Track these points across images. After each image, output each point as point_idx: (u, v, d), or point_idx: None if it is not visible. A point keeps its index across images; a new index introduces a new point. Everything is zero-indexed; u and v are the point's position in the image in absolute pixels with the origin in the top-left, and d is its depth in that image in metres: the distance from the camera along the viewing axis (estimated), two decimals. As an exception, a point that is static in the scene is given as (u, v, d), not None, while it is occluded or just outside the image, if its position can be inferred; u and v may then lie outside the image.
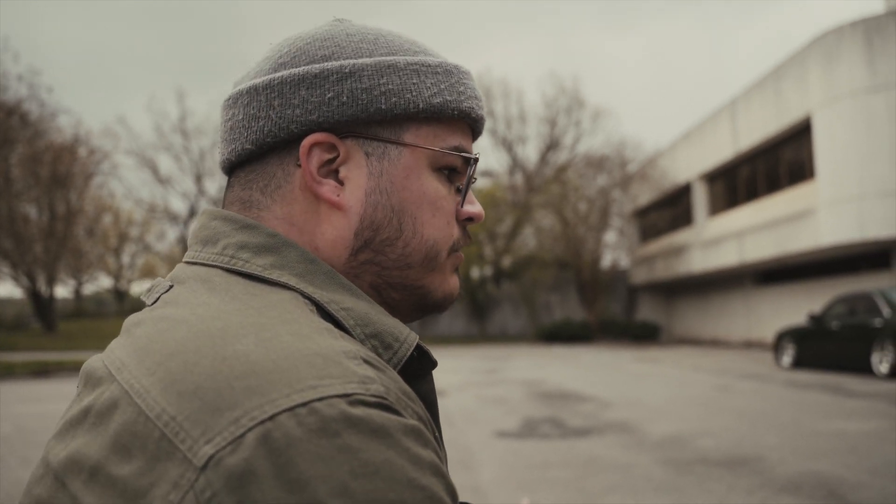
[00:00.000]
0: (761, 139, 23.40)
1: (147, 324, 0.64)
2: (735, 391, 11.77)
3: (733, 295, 28.80)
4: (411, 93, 0.72)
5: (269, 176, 0.73)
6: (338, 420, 0.50)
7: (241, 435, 0.49)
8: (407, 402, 0.57)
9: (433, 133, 0.75)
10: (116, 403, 0.57)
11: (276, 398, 0.51)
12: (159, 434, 0.52)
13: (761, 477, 5.77)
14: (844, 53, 19.20)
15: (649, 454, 6.75)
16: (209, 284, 0.67)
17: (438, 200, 0.76)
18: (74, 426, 0.60)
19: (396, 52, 0.74)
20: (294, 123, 0.71)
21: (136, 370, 0.58)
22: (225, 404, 0.51)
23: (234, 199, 0.76)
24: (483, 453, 7.01)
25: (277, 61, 0.74)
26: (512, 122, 38.75)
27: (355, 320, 0.66)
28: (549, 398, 11.29)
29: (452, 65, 0.77)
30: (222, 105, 0.78)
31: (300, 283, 0.67)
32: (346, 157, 0.72)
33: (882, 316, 13.76)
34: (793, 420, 8.54)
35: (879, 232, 18.28)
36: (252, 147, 0.73)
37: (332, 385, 0.52)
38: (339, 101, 0.71)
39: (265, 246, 0.70)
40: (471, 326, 37.78)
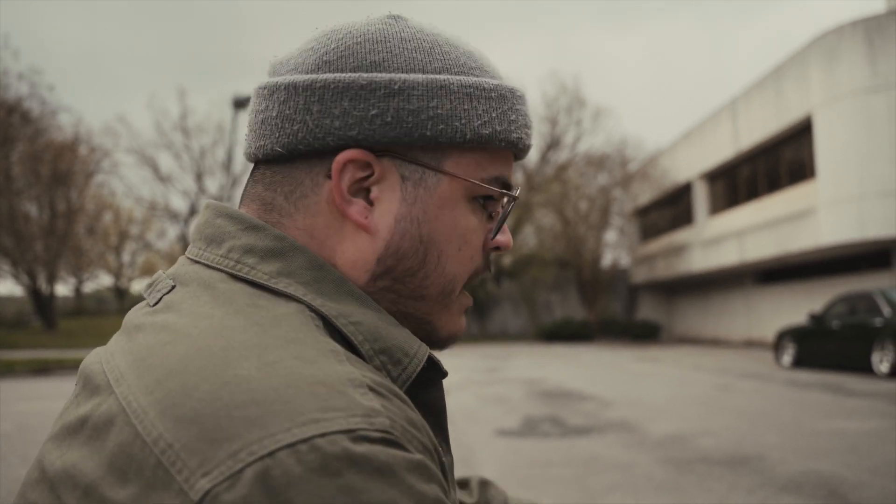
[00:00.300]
0: (762, 139, 23.40)
1: (148, 330, 0.62)
2: (735, 390, 11.77)
3: (734, 294, 28.81)
4: (460, 120, 0.68)
5: (295, 182, 0.70)
6: (340, 458, 0.48)
7: (239, 470, 0.48)
8: (413, 433, 0.55)
9: (475, 161, 0.71)
10: (113, 420, 0.55)
11: (276, 432, 0.49)
12: (155, 461, 0.51)
13: (762, 476, 5.77)
14: (845, 53, 19.20)
15: (650, 453, 6.75)
16: (213, 292, 0.64)
17: (468, 234, 0.72)
18: (71, 434, 0.59)
19: (451, 68, 0.70)
20: (331, 136, 0.67)
21: (135, 386, 0.56)
22: (223, 435, 0.49)
23: (255, 197, 0.72)
24: (483, 452, 7.01)
25: (322, 58, 0.69)
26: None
27: (364, 335, 0.63)
28: (549, 397, 11.29)
29: (507, 88, 0.72)
30: (256, 90, 0.73)
31: (308, 293, 0.64)
32: (381, 177, 0.68)
33: (882, 315, 13.76)
34: (793, 419, 8.54)
35: (880, 231, 18.28)
36: (282, 150, 0.69)
37: (335, 419, 0.50)
38: (382, 120, 0.66)
39: (272, 250, 0.67)
40: (471, 325, 37.78)
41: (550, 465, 6.34)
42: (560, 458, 6.65)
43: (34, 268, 31.92)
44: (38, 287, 33.04)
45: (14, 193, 29.30)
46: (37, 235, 31.18)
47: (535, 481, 5.82)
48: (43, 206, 32.10)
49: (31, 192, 30.94)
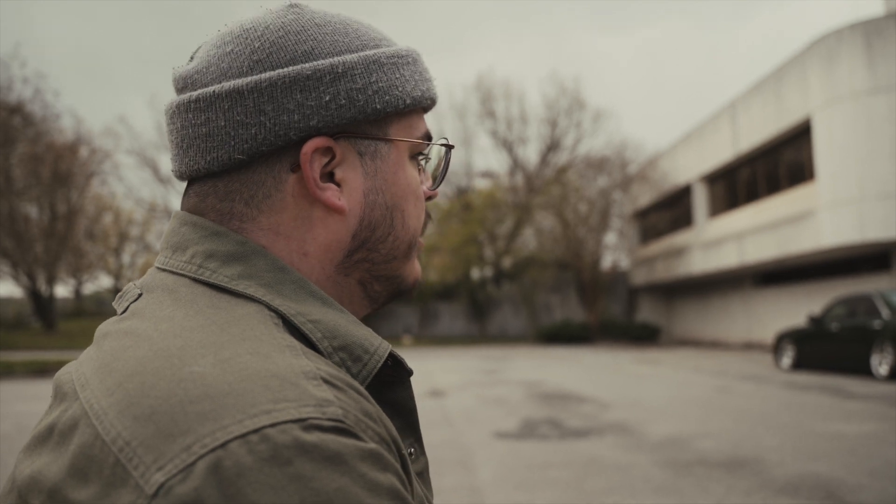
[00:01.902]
0: (761, 141, 23.41)
1: (113, 337, 0.63)
2: (734, 392, 11.78)
3: (733, 296, 28.81)
4: (398, 89, 0.72)
5: (255, 185, 0.69)
6: (290, 447, 0.49)
7: (192, 463, 0.48)
8: (367, 423, 0.55)
9: (409, 124, 0.75)
10: (76, 424, 0.56)
11: (227, 424, 0.50)
12: (114, 459, 0.51)
13: (760, 478, 5.78)
14: (844, 55, 19.21)
15: (648, 455, 6.75)
16: (175, 296, 0.65)
17: (418, 189, 0.77)
18: (41, 443, 0.60)
19: (368, 44, 0.73)
20: (292, 130, 0.68)
21: (98, 389, 0.57)
22: (178, 430, 0.50)
23: (208, 210, 0.71)
24: (482, 453, 7.01)
25: (251, 58, 0.69)
26: (513, 123, 38.75)
27: (322, 333, 0.64)
28: (548, 399, 11.29)
29: (414, 51, 0.77)
30: (181, 106, 0.71)
31: (267, 294, 0.65)
32: (342, 159, 0.71)
33: (881, 318, 13.76)
34: (792, 421, 8.55)
35: (879, 233, 18.29)
36: (243, 157, 0.68)
37: (287, 409, 0.51)
38: (336, 104, 0.68)
39: (233, 254, 0.68)
40: (471, 327, 37.79)
41: (549, 467, 6.34)
42: (559, 459, 6.65)
43: (34, 269, 31.93)
44: (37, 288, 33.04)
45: (14, 195, 29.31)
46: (37, 237, 31.19)
47: (534, 483, 5.83)
48: (43, 208, 32.11)
49: (32, 194, 30.94)
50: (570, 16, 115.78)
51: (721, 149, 26.26)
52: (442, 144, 0.80)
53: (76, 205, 33.19)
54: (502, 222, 36.35)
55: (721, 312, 29.89)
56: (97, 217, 40.39)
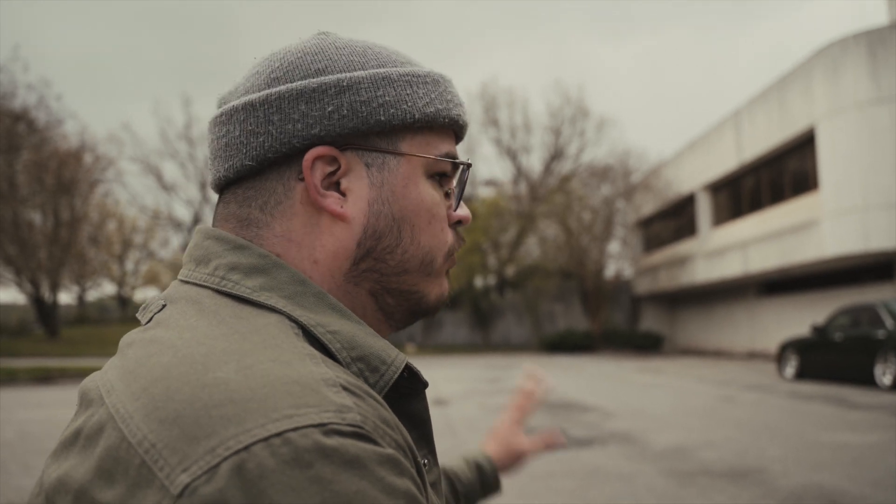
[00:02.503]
0: (765, 150, 23.42)
1: (137, 345, 0.65)
2: (738, 402, 11.75)
3: (737, 306, 28.77)
4: (406, 104, 0.74)
5: (268, 192, 0.74)
6: (311, 450, 0.51)
7: (216, 465, 0.50)
8: (385, 430, 0.57)
9: (426, 141, 0.77)
10: (103, 427, 0.58)
11: (251, 427, 0.51)
12: (140, 461, 0.53)
13: (764, 488, 5.76)
14: (849, 65, 19.23)
15: (652, 465, 6.74)
16: (199, 306, 0.68)
17: (434, 207, 0.78)
18: (67, 448, 0.61)
19: (386, 64, 0.76)
20: (296, 138, 0.71)
21: (123, 394, 0.59)
22: (202, 433, 0.52)
23: (229, 217, 0.76)
24: (485, 463, 6.99)
25: (270, 76, 0.75)
26: (516, 132, 38.80)
27: (341, 343, 0.66)
28: (551, 408, 11.27)
29: (438, 74, 0.79)
30: (212, 122, 0.78)
31: (288, 305, 0.68)
32: (347, 169, 0.73)
33: (885, 328, 13.73)
34: (796, 431, 8.52)
35: (883, 243, 18.27)
36: (252, 163, 0.73)
37: (308, 414, 0.53)
38: (339, 115, 0.72)
39: (256, 267, 0.70)
40: (474, 335, 37.76)
41: (552, 477, 6.33)
42: (562, 469, 6.64)
43: (37, 276, 31.96)
44: (41, 295, 33.07)
45: (18, 201, 29.36)
46: (40, 243, 31.23)
47: (537, 492, 5.82)
48: (47, 215, 32.16)
49: (36, 201, 31.00)
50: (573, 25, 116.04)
51: (725, 158, 26.27)
52: (455, 162, 0.80)
53: (80, 212, 33.24)
54: (506, 231, 36.34)
55: (724, 322, 29.84)
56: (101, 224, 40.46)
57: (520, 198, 37.79)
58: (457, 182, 0.82)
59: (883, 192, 18.36)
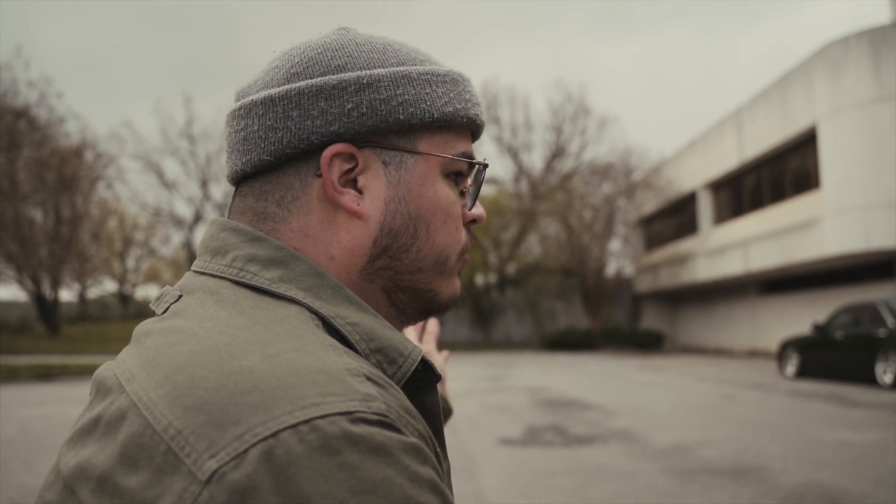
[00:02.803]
0: (767, 148, 23.40)
1: (156, 335, 0.65)
2: (739, 400, 11.75)
3: (738, 304, 28.77)
4: (426, 102, 0.74)
5: (285, 187, 0.74)
6: (339, 438, 0.51)
7: (244, 451, 0.51)
8: (408, 419, 0.58)
9: (443, 141, 0.77)
10: (125, 414, 0.58)
11: (278, 415, 0.52)
12: (165, 447, 0.53)
13: (765, 486, 5.76)
14: (851, 64, 19.21)
15: (653, 463, 6.74)
16: (217, 297, 0.68)
17: (449, 206, 0.78)
18: (85, 435, 0.61)
19: (405, 62, 0.76)
20: (315, 134, 0.72)
21: (145, 382, 0.59)
22: (229, 420, 0.52)
23: (245, 210, 0.76)
24: (486, 460, 7.00)
25: (290, 71, 0.75)
26: (518, 130, 38.77)
27: (360, 335, 0.67)
28: (552, 406, 11.28)
29: (457, 73, 0.79)
30: (230, 115, 0.78)
31: (307, 297, 0.68)
32: (365, 167, 0.73)
33: (886, 326, 13.73)
34: (796, 430, 8.53)
35: (884, 242, 18.26)
36: (270, 158, 0.73)
37: (335, 402, 0.53)
38: (358, 112, 0.72)
39: (273, 259, 0.71)
40: (475, 333, 37.76)
41: (553, 475, 6.33)
42: (563, 467, 6.64)
43: (38, 273, 31.99)
44: (42, 292, 33.10)
45: (19, 199, 29.38)
46: (41, 241, 31.27)
47: (538, 490, 5.82)
48: (48, 212, 32.21)
49: (37, 198, 31.03)
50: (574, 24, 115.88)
51: (726, 156, 26.26)
52: (472, 162, 0.80)
53: (81, 209, 33.28)
54: (507, 229, 36.32)
55: (725, 320, 29.84)
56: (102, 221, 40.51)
57: (521, 196, 37.77)
58: (472, 181, 0.82)
59: (884, 190, 18.35)
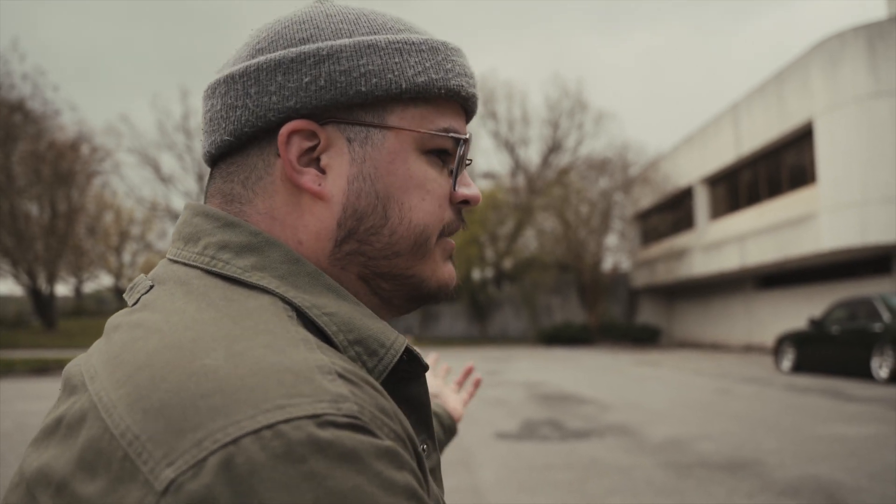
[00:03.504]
0: (763, 143, 23.42)
1: (123, 329, 0.62)
2: (735, 395, 11.77)
3: (734, 299, 28.81)
4: (393, 73, 0.69)
5: (249, 168, 0.70)
6: (304, 444, 0.47)
7: (202, 459, 0.47)
8: (383, 420, 0.54)
9: (420, 115, 0.71)
10: (85, 416, 0.55)
11: (240, 419, 0.48)
12: (123, 454, 0.50)
13: (761, 481, 5.77)
14: (847, 59, 19.22)
15: (649, 457, 6.75)
16: (187, 287, 0.64)
17: (427, 183, 0.72)
18: (48, 436, 0.59)
19: (378, 31, 0.71)
20: (271, 111, 0.68)
21: (106, 381, 0.56)
22: (189, 425, 0.49)
23: (215, 192, 0.73)
24: (483, 455, 7.01)
25: (255, 47, 0.71)
26: (514, 124, 38.74)
27: (338, 326, 0.63)
28: (549, 400, 11.29)
29: (439, 41, 0.73)
30: (203, 96, 0.75)
31: (281, 286, 0.64)
32: (328, 145, 0.69)
33: (882, 321, 13.76)
34: (793, 424, 8.54)
35: (881, 237, 18.29)
36: (231, 138, 0.70)
37: (301, 405, 0.49)
38: (316, 86, 0.67)
39: (247, 245, 0.67)
40: (471, 328, 37.79)
41: (550, 469, 6.34)
42: (559, 461, 6.65)
43: (34, 267, 31.93)
44: (38, 287, 33.05)
45: (15, 193, 29.31)
46: (37, 235, 31.19)
47: (535, 485, 5.83)
48: (44, 206, 32.11)
49: (33, 192, 30.95)
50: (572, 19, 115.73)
51: (723, 151, 26.27)
52: (450, 135, 0.73)
53: (77, 203, 33.19)
54: (503, 223, 36.32)
55: (722, 315, 29.88)
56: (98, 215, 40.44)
57: (518, 190, 37.76)
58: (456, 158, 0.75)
59: (881, 185, 18.38)
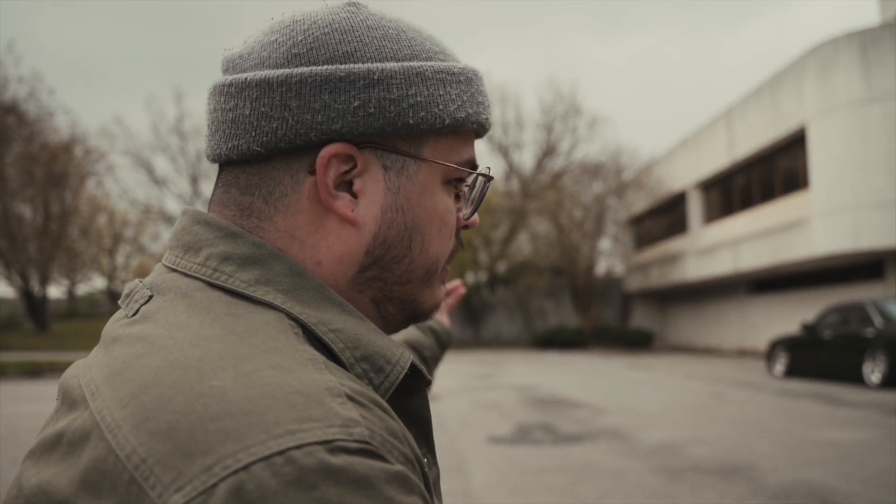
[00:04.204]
0: (757, 148, 23.48)
1: (124, 342, 0.61)
2: (728, 399, 11.79)
3: (727, 303, 28.85)
4: (438, 107, 0.68)
5: (274, 182, 0.68)
6: (316, 471, 0.47)
7: (213, 485, 0.46)
8: (393, 443, 0.53)
9: (449, 146, 0.72)
10: (88, 435, 0.54)
11: (251, 444, 0.48)
12: (129, 477, 0.49)
13: (753, 485, 5.78)
14: (840, 64, 19.29)
15: (642, 461, 6.76)
16: (189, 301, 0.63)
17: (446, 215, 0.73)
18: (48, 451, 0.57)
19: (419, 55, 0.70)
20: (314, 131, 0.65)
21: (109, 399, 0.55)
22: (198, 449, 0.48)
23: (229, 203, 0.70)
24: (476, 458, 7.01)
25: (291, 50, 0.68)
26: (509, 128, 38.78)
27: (345, 343, 0.62)
28: (542, 404, 11.29)
29: (472, 70, 0.73)
30: (217, 88, 0.71)
31: (286, 301, 0.63)
32: (363, 169, 0.68)
33: (874, 326, 13.80)
34: (785, 429, 8.56)
35: (873, 242, 18.35)
36: (261, 150, 0.67)
37: (312, 430, 0.49)
38: (365, 111, 0.66)
39: (250, 257, 0.65)
40: (465, 331, 37.76)
41: (543, 473, 6.34)
42: (552, 465, 6.65)
43: (27, 269, 31.81)
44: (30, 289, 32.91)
45: (8, 195, 29.21)
46: (30, 237, 31.08)
47: (528, 488, 5.83)
48: (37, 208, 32.01)
49: (26, 194, 30.85)
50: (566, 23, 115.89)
51: (716, 156, 26.33)
52: (480, 174, 0.75)
53: (70, 205, 33.08)
54: (497, 227, 36.34)
55: (715, 319, 29.93)
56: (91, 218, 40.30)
57: (511, 194, 37.78)
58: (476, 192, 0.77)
59: (873, 191, 18.44)
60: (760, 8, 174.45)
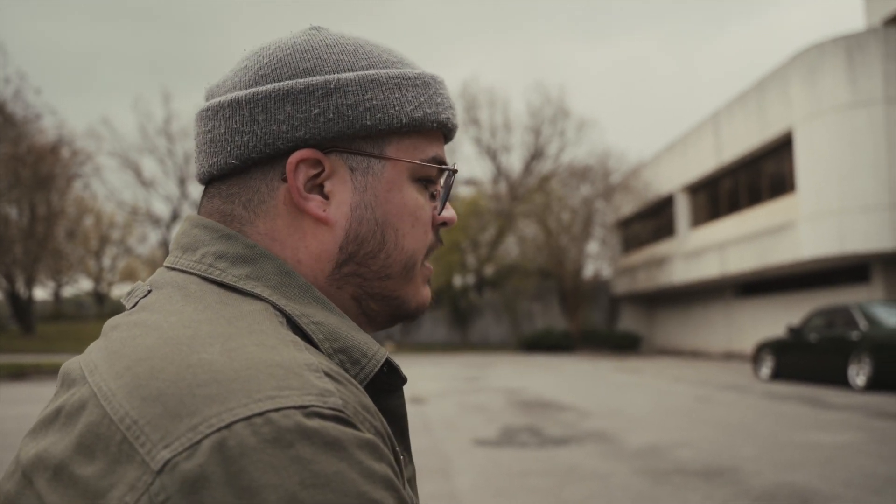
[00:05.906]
0: (744, 152, 23.60)
1: (122, 328, 0.66)
2: (714, 402, 11.83)
3: (714, 306, 28.96)
4: (394, 108, 0.74)
5: (252, 191, 0.74)
6: (292, 431, 0.51)
7: (197, 441, 0.51)
8: (365, 415, 0.58)
9: (413, 145, 0.76)
10: (85, 404, 0.58)
11: (233, 407, 0.52)
12: (121, 437, 0.54)
13: (737, 487, 5.81)
14: (826, 69, 19.41)
15: (627, 464, 6.77)
16: (184, 292, 0.68)
17: (418, 211, 0.77)
18: (47, 425, 0.61)
19: (376, 65, 0.75)
20: (280, 140, 0.71)
21: (106, 373, 0.60)
22: (185, 411, 0.53)
23: (213, 212, 0.76)
24: (461, 461, 7.01)
25: (258, 73, 0.74)
26: (496, 131, 38.85)
27: (324, 334, 0.67)
28: (528, 407, 11.30)
29: (429, 75, 0.79)
30: (198, 115, 0.78)
31: (273, 294, 0.68)
32: (331, 173, 0.73)
33: (859, 329, 13.88)
34: (770, 431, 8.60)
35: (859, 246, 18.45)
36: (236, 162, 0.73)
37: (290, 396, 0.53)
38: (325, 118, 0.71)
39: (243, 256, 0.71)
40: (452, 334, 37.79)
41: (528, 475, 6.35)
42: (538, 467, 6.66)
43: (13, 271, 31.64)
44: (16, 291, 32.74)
45: (-6, 196, 29.02)
46: (16, 238, 30.90)
47: (513, 491, 5.83)
48: (23, 209, 31.82)
49: (12, 195, 30.63)
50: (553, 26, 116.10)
51: (704, 159, 26.44)
52: (442, 168, 0.79)
53: (57, 207, 32.92)
54: (485, 230, 36.40)
55: (702, 322, 30.03)
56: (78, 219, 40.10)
57: (499, 197, 37.84)
58: (443, 186, 0.82)
59: (859, 195, 18.55)
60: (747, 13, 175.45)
